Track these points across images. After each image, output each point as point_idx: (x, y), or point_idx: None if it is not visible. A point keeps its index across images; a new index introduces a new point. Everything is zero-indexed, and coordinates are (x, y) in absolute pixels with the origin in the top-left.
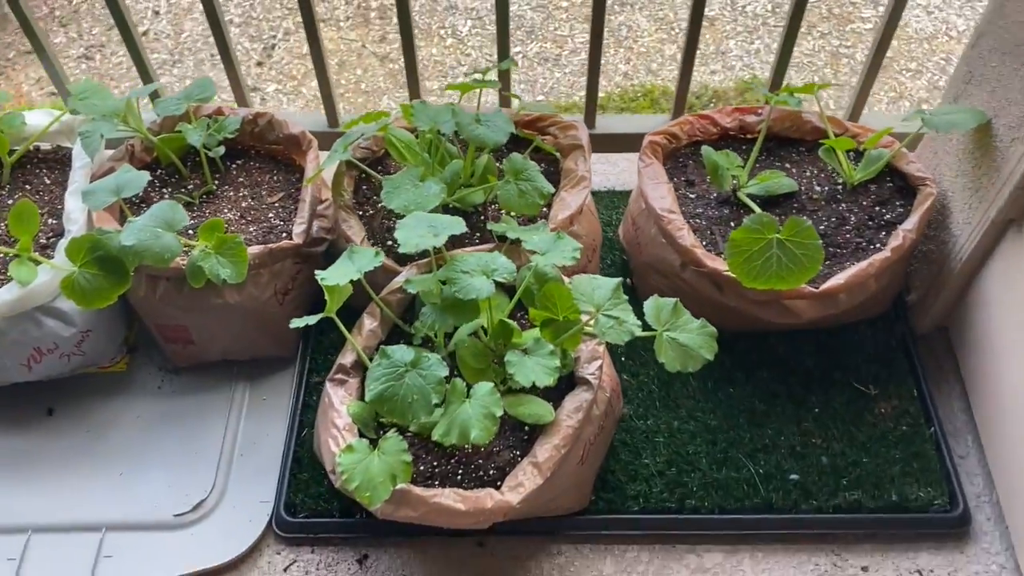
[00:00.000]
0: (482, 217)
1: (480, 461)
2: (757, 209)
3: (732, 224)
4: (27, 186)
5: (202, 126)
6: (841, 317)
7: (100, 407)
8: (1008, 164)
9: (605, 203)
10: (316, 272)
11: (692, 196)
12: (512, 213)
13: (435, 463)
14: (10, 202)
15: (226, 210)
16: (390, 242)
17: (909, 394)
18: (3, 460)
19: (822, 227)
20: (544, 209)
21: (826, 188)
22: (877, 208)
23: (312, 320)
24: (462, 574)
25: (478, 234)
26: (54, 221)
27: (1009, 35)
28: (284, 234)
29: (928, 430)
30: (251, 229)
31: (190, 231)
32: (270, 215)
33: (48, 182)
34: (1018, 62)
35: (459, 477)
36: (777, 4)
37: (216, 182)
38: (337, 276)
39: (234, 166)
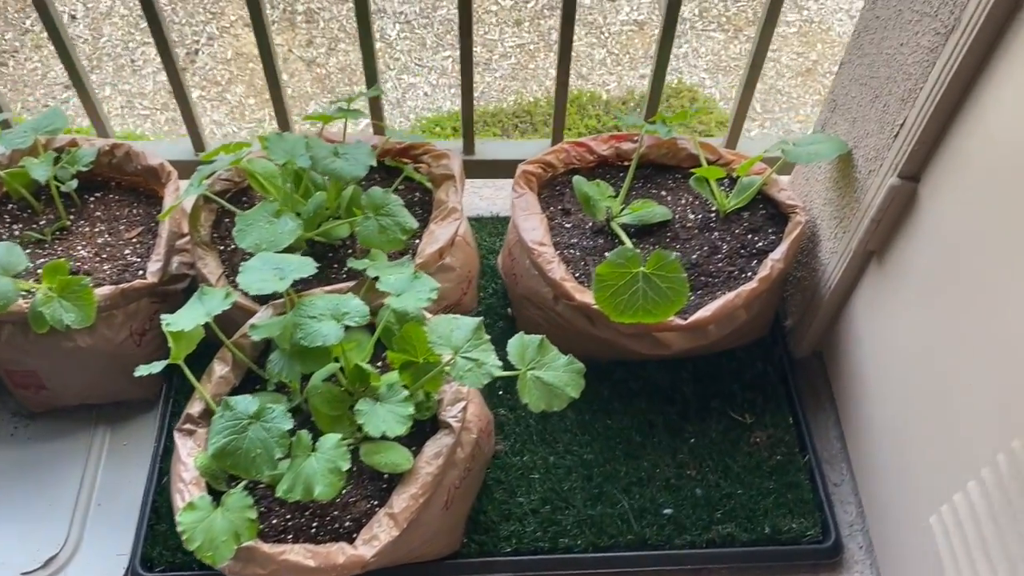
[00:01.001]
0: (349, 251)
1: (336, 513)
2: (627, 240)
3: (606, 255)
4: None
5: (48, 160)
6: (715, 346)
7: None
8: (867, 196)
9: (488, 230)
10: (162, 316)
11: (568, 226)
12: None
13: (288, 516)
14: None
15: (80, 247)
16: None
17: (785, 422)
18: None
19: (695, 256)
20: (416, 241)
21: (700, 216)
22: (749, 236)
23: (156, 368)
24: None
25: (345, 270)
26: None
27: (864, 67)
28: (140, 272)
29: (803, 459)
30: (105, 267)
31: (39, 270)
32: (127, 251)
33: None
34: (872, 94)
35: (313, 530)
36: (704, 8)
37: (71, 217)
38: (184, 321)
39: (92, 199)
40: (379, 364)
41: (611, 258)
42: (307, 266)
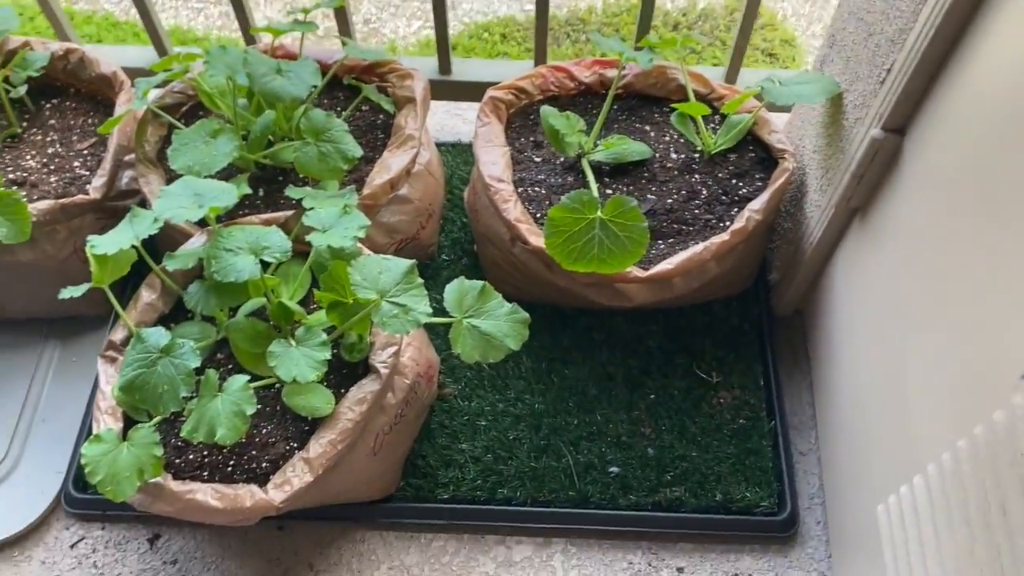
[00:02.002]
0: (302, 177)
1: (253, 452)
2: (592, 180)
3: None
4: None
5: None
6: (685, 299)
7: None
8: (851, 146)
9: (465, 157)
10: (88, 238)
11: (537, 160)
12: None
13: (204, 452)
14: None
15: (28, 157)
16: None
17: (754, 383)
18: None
19: (670, 200)
20: (370, 168)
21: (683, 156)
22: (733, 181)
23: (78, 292)
24: (257, 558)
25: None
26: None
27: None
28: (88, 185)
29: (768, 424)
30: (52, 180)
31: None
32: (76, 164)
33: None
34: (867, 30)
35: (229, 469)
36: None
37: (24, 124)
38: (109, 244)
39: (48, 106)
40: (314, 305)
41: (565, 201)
42: (227, 194)
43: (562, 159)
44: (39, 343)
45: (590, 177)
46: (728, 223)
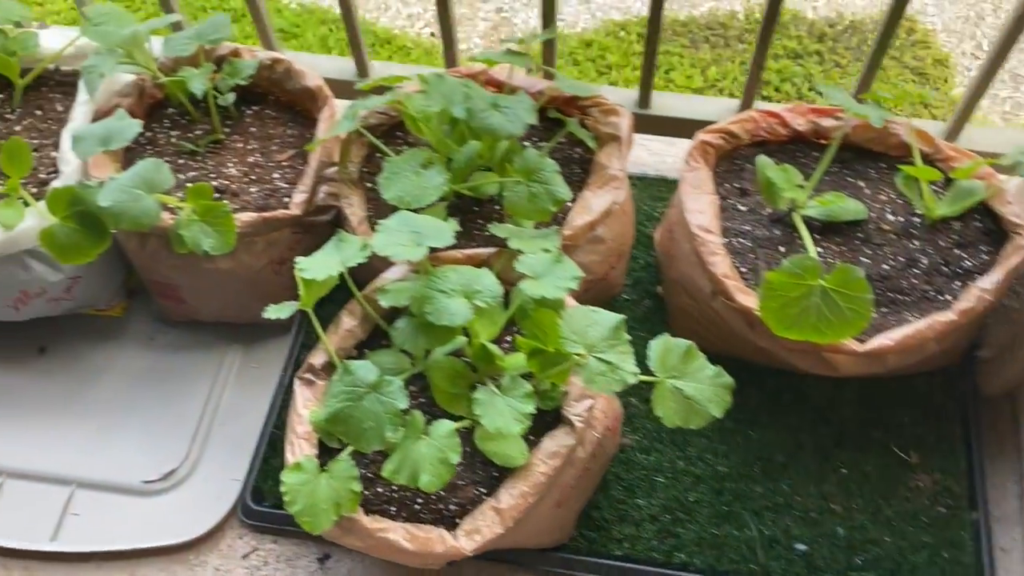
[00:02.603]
0: (496, 207)
1: (443, 493)
2: (808, 239)
3: (782, 249)
4: (38, 111)
5: (205, 73)
6: (891, 373)
7: (91, 352)
8: None
9: (651, 192)
10: (296, 260)
11: (743, 209)
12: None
13: (394, 487)
14: (18, 128)
15: (230, 164)
16: None
17: (956, 468)
18: None
19: (886, 266)
20: (569, 205)
21: (900, 219)
22: (956, 251)
23: (285, 313)
24: None
25: (488, 226)
26: (57, 154)
27: None
28: (286, 199)
29: (970, 515)
30: (252, 190)
31: (188, 183)
32: (275, 175)
33: (60, 109)
34: None
35: (417, 507)
36: None
37: (227, 130)
38: (318, 269)
39: (249, 112)
40: (507, 341)
41: (786, 265)
42: (445, 234)
43: (768, 210)
44: (223, 347)
45: (806, 237)
46: (948, 297)
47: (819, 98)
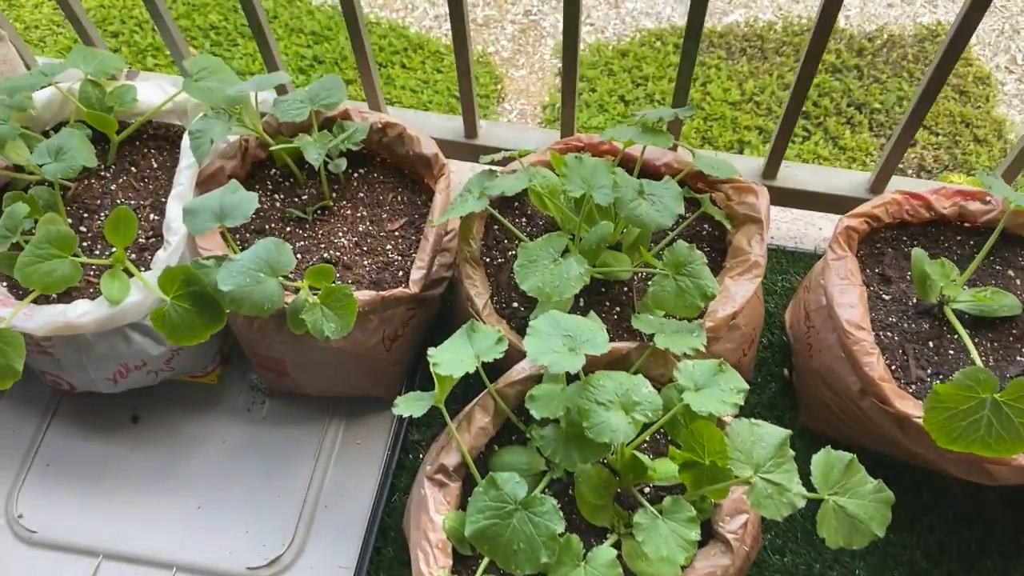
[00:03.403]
0: (626, 288)
1: None
2: (964, 333)
3: (931, 345)
4: (132, 168)
5: (323, 142)
6: None
7: (186, 422)
8: None
9: (771, 265)
10: (429, 352)
11: (886, 298)
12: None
13: None
14: (113, 187)
15: (341, 234)
16: (516, 303)
17: None
18: (86, 467)
19: None
20: None
21: None
22: None
23: (418, 410)
24: None
25: (617, 309)
26: (156, 217)
27: None
28: (400, 272)
29: None
30: (365, 262)
31: (298, 254)
32: (388, 246)
33: (155, 165)
34: None
35: None
36: None
37: (334, 196)
38: (452, 365)
39: (356, 175)
40: (646, 443)
41: (958, 378)
42: (599, 340)
43: (914, 300)
44: (323, 421)
45: (966, 339)
46: None
47: (857, 114)
